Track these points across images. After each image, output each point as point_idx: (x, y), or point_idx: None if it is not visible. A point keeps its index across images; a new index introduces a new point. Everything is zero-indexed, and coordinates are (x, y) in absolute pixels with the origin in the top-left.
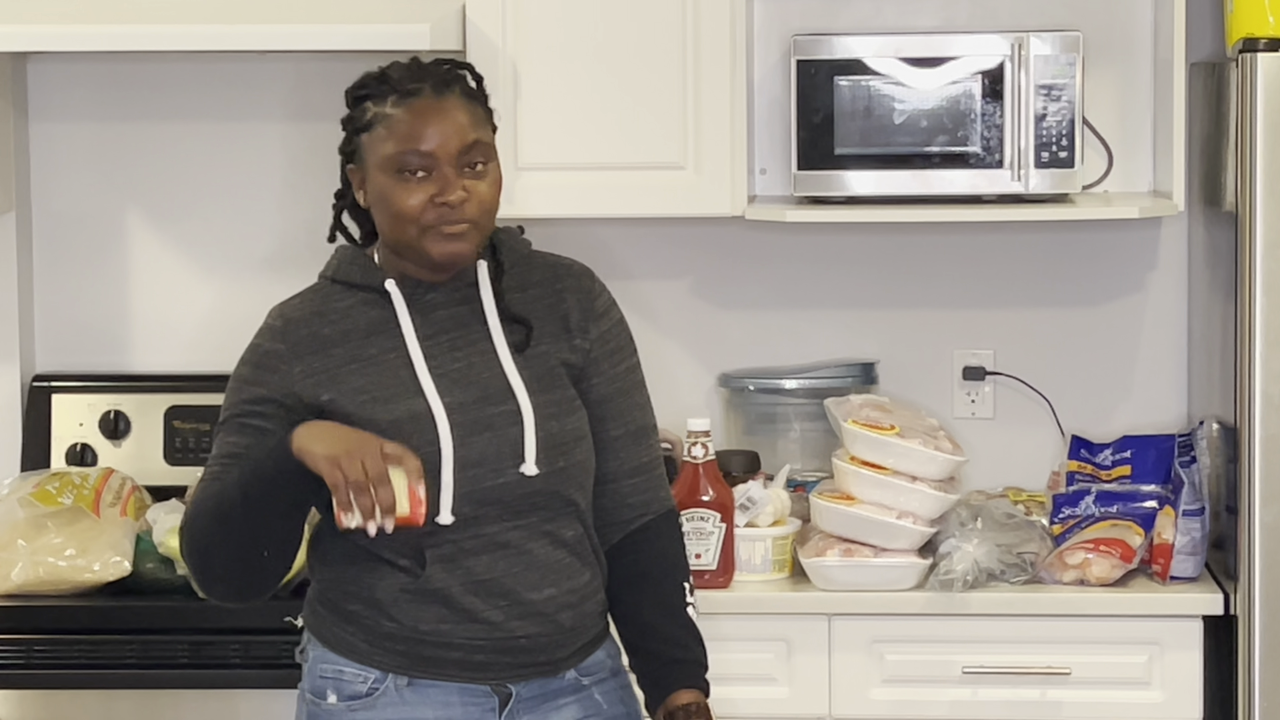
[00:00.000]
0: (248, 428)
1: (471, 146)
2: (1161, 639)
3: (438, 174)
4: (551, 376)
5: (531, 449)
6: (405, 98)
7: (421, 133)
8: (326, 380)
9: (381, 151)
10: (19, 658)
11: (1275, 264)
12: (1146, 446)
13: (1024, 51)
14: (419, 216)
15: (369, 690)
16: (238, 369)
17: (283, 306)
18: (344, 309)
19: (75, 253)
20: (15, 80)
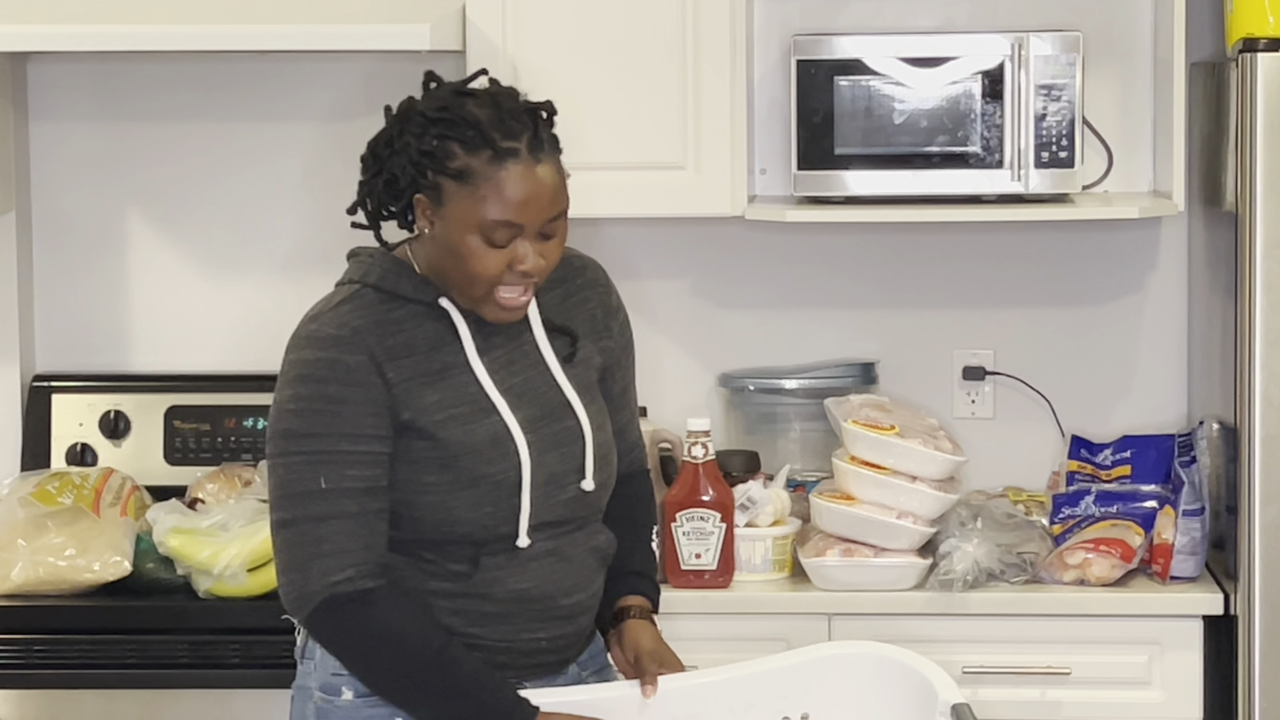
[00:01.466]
0: (367, 457)
1: (556, 215)
2: (1161, 639)
3: (519, 241)
4: (592, 385)
5: (590, 466)
6: (501, 159)
7: (516, 204)
8: (403, 395)
9: (468, 211)
10: (19, 658)
11: (1275, 264)
12: (1146, 446)
13: (1024, 51)
14: (494, 280)
15: None
16: (321, 390)
17: (336, 317)
18: (398, 320)
19: (75, 253)
20: (15, 80)
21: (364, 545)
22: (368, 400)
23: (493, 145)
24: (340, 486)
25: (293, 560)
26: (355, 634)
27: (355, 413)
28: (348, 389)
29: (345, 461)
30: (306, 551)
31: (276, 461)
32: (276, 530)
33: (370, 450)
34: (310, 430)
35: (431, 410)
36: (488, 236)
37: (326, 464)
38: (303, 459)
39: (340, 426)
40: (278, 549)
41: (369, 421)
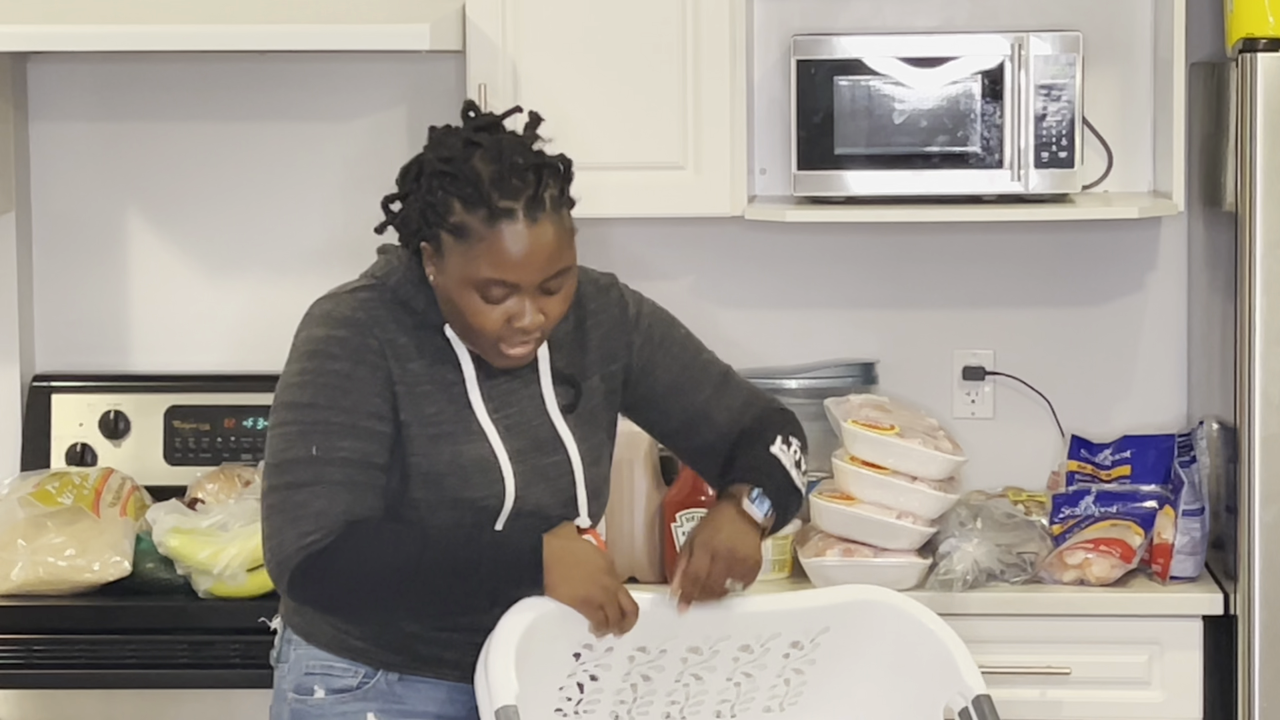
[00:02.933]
0: (363, 430)
1: (556, 274)
2: (1161, 639)
3: (517, 298)
4: (593, 420)
5: (583, 502)
6: (496, 219)
7: (510, 264)
8: (406, 395)
9: (464, 267)
10: (19, 658)
11: (1275, 264)
12: (1146, 446)
13: (1024, 51)
14: (494, 333)
15: (359, 684)
16: (326, 365)
17: (353, 302)
18: (410, 327)
19: (75, 253)
20: (15, 80)
21: (344, 510)
22: (373, 381)
23: (489, 204)
24: (331, 456)
25: (272, 529)
26: (340, 579)
27: (359, 389)
28: (356, 367)
29: (339, 433)
30: (285, 516)
31: (273, 433)
32: (263, 501)
33: (368, 426)
34: (311, 401)
35: (426, 423)
36: (483, 294)
37: (320, 433)
38: (298, 429)
39: (341, 400)
40: (263, 519)
41: (372, 400)
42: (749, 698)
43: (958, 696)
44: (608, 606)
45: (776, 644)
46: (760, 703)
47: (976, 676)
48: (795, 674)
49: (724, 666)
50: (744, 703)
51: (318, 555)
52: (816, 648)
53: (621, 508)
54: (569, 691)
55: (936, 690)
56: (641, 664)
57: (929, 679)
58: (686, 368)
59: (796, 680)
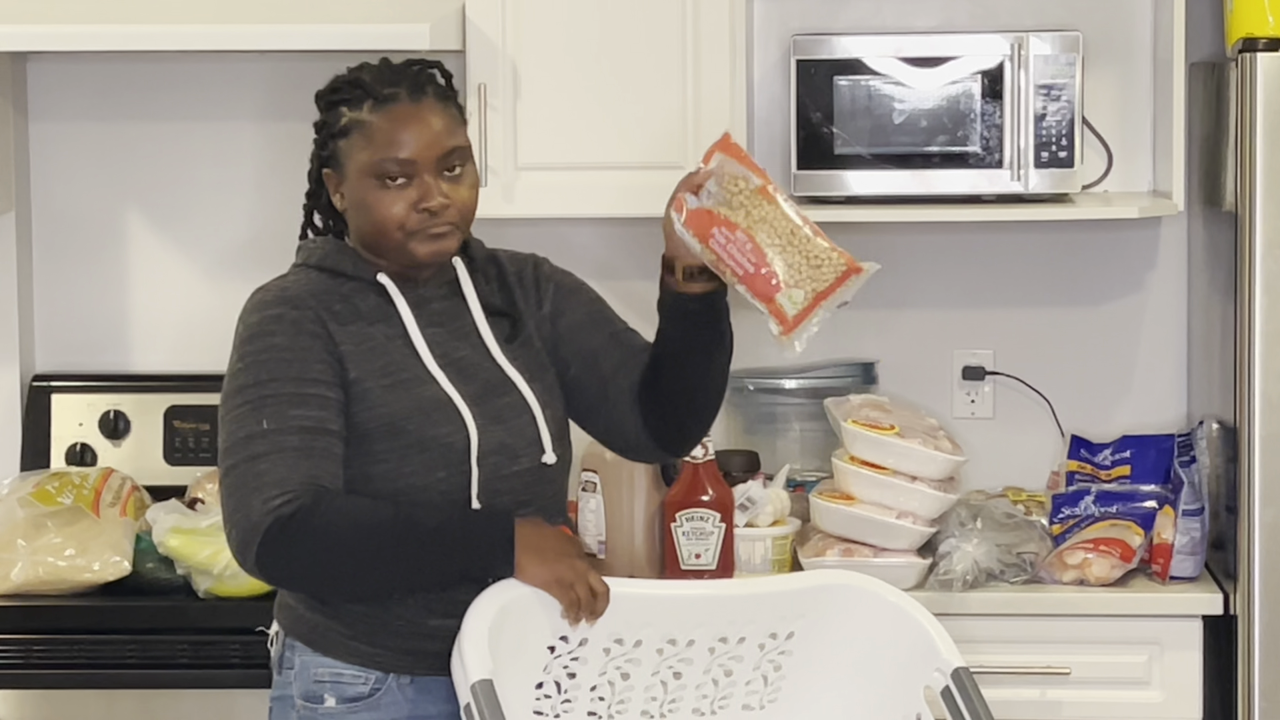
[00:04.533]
0: (312, 398)
1: (450, 152)
2: (1161, 639)
3: (418, 181)
4: (538, 363)
5: (548, 439)
6: (381, 104)
7: (400, 140)
8: (352, 354)
9: (360, 159)
10: (19, 658)
11: (1275, 264)
12: (1146, 446)
13: (1024, 51)
14: (403, 223)
15: (371, 691)
16: (267, 343)
17: (281, 286)
18: (344, 293)
19: (75, 253)
20: (15, 80)
21: (305, 474)
22: (313, 349)
23: (373, 94)
24: (284, 425)
25: (234, 505)
26: (310, 545)
27: (301, 359)
28: (295, 338)
29: (290, 402)
30: (246, 488)
31: (224, 421)
32: (220, 484)
33: (316, 394)
34: (256, 380)
35: (377, 375)
36: (382, 178)
37: (270, 406)
38: (247, 407)
39: (286, 371)
40: (222, 501)
41: (316, 367)
42: (727, 695)
43: (936, 674)
44: (578, 585)
45: (752, 633)
46: (739, 700)
47: (952, 649)
48: (773, 669)
49: (701, 660)
50: (723, 700)
51: (286, 520)
52: (792, 639)
53: (622, 508)
54: (547, 689)
55: (915, 670)
56: (618, 658)
57: (906, 659)
58: (594, 305)
59: (775, 677)
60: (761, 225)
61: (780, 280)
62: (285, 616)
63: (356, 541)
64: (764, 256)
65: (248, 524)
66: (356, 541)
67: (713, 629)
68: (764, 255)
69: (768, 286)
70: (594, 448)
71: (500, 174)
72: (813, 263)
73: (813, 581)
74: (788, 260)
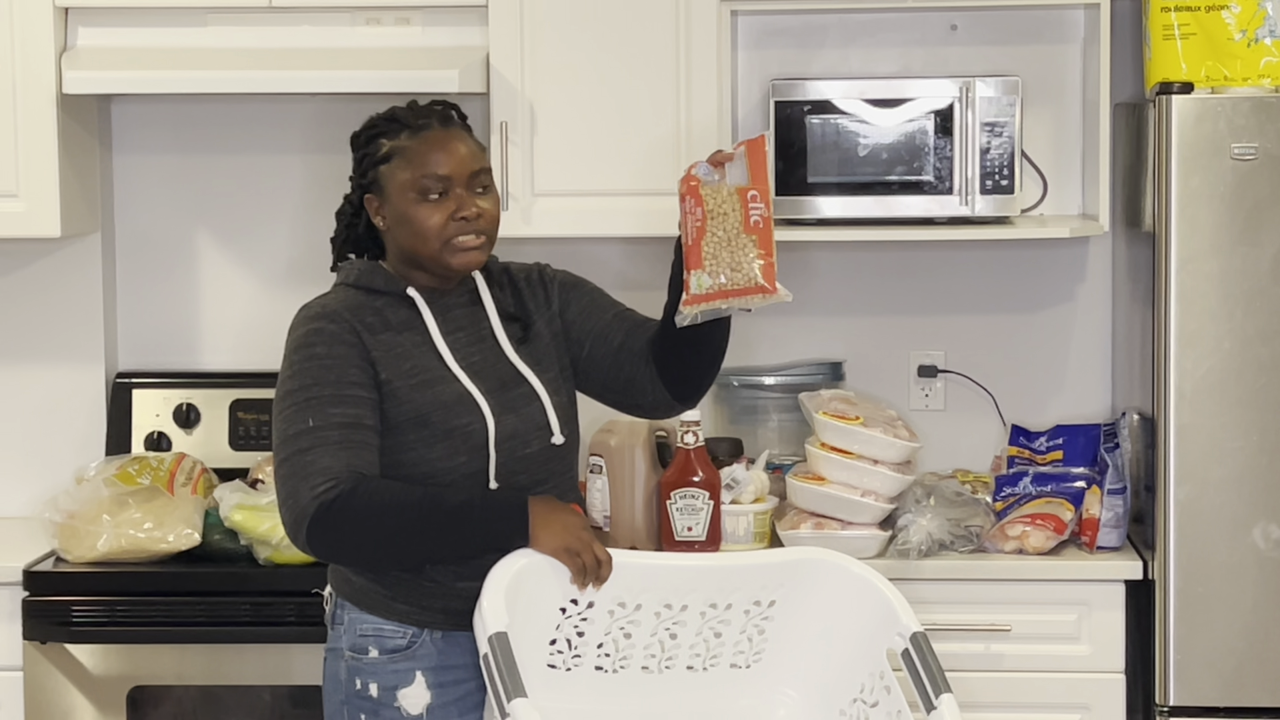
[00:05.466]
0: (349, 398)
1: (478, 172)
2: (1089, 600)
3: (454, 194)
4: (546, 356)
5: (555, 422)
6: (416, 131)
7: (437, 159)
8: (382, 360)
9: (401, 178)
10: (104, 616)
11: (1187, 277)
12: (1076, 434)
13: (971, 94)
14: (441, 232)
15: (408, 643)
16: (310, 353)
17: (321, 303)
18: (376, 307)
19: (151, 268)
20: (101, 119)
21: (345, 463)
22: (349, 356)
23: (409, 125)
24: (326, 423)
25: (286, 492)
26: (352, 525)
27: (338, 365)
28: (332, 348)
29: (330, 402)
30: (296, 477)
31: (276, 420)
32: (275, 473)
33: (353, 394)
34: (301, 385)
35: (406, 376)
36: (423, 193)
37: (313, 407)
38: (294, 409)
39: (325, 376)
40: (276, 488)
41: (351, 372)
42: (717, 654)
43: (897, 638)
44: (584, 554)
45: (738, 600)
46: (727, 659)
47: (911, 616)
48: (757, 633)
49: (694, 623)
50: (713, 658)
51: (330, 504)
52: (773, 606)
53: (624, 488)
54: (559, 645)
55: (879, 634)
56: (620, 619)
57: (871, 625)
58: (595, 293)
59: (759, 639)
60: (720, 218)
61: (702, 262)
62: (336, 580)
63: (390, 520)
64: (702, 239)
65: (298, 508)
66: (390, 520)
67: (704, 596)
68: (703, 238)
69: (693, 260)
70: (601, 435)
71: (519, 199)
72: (734, 266)
73: (791, 557)
74: (718, 254)
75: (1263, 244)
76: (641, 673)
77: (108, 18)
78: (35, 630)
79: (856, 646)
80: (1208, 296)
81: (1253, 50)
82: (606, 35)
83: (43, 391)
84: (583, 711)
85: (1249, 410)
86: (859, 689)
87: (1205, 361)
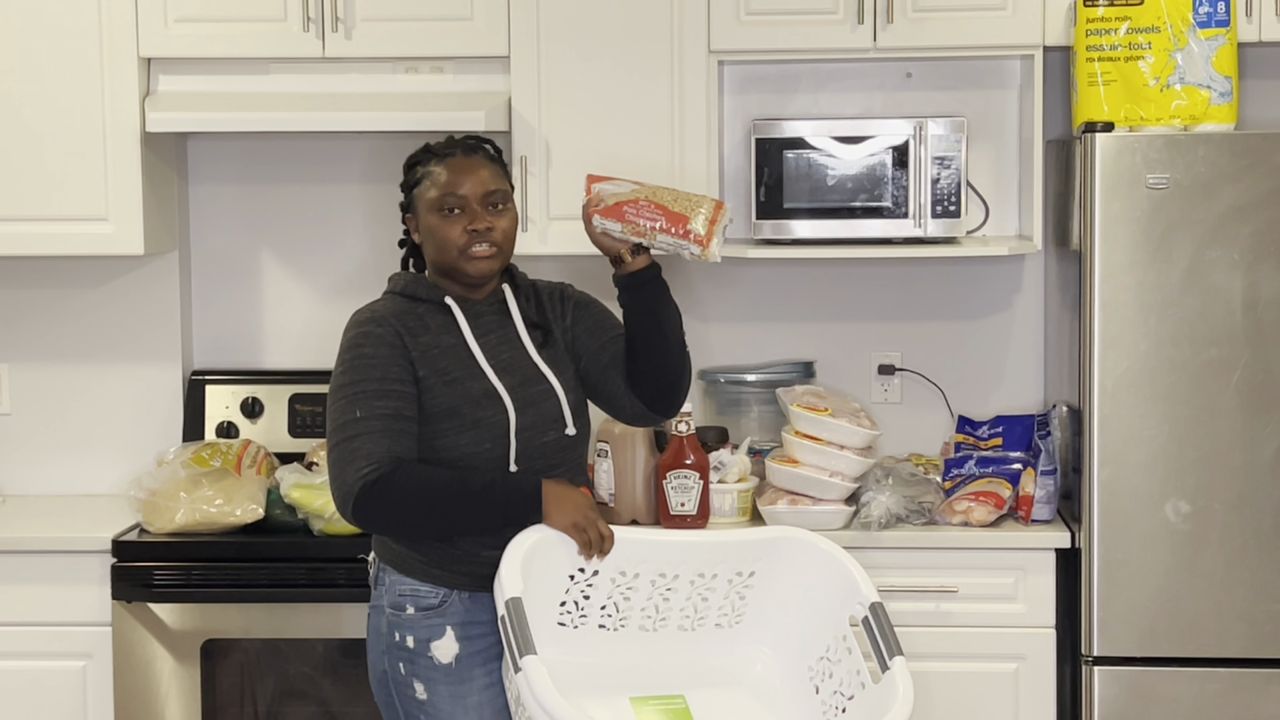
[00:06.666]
0: (392, 392)
1: (493, 192)
2: (1025, 565)
3: (469, 210)
4: (563, 360)
5: (569, 416)
6: (443, 159)
7: (455, 181)
8: (420, 359)
9: (428, 198)
10: (180, 580)
11: (1108, 289)
12: (1014, 424)
13: (923, 132)
14: (457, 242)
15: (440, 602)
16: (358, 353)
17: (370, 310)
18: (418, 314)
19: (221, 281)
20: (179, 154)
21: (386, 449)
22: (392, 356)
23: (437, 154)
24: (371, 413)
25: (336, 473)
26: (391, 502)
27: (383, 363)
28: (378, 348)
29: (374, 395)
30: (344, 461)
31: (329, 411)
32: (327, 457)
33: (395, 389)
34: (350, 380)
35: (441, 372)
36: (444, 210)
37: (360, 400)
38: (344, 400)
39: (371, 373)
40: (329, 470)
41: (394, 370)
42: (704, 616)
43: (858, 606)
44: (590, 530)
45: (722, 571)
46: (712, 620)
47: (871, 588)
48: (738, 599)
49: (684, 590)
50: (700, 620)
51: (372, 484)
52: (753, 576)
53: (626, 470)
54: (568, 607)
55: (843, 602)
56: (621, 586)
57: (836, 594)
58: (600, 317)
59: (740, 604)
60: (648, 195)
61: (685, 214)
62: (379, 548)
63: (424, 498)
64: (665, 207)
65: (345, 488)
66: (424, 498)
67: (693, 567)
68: (665, 206)
69: (680, 220)
70: (607, 424)
71: (537, 222)
72: (694, 201)
73: (769, 535)
74: (679, 204)
75: (1173, 261)
76: (639, 631)
77: (185, 67)
78: (122, 591)
79: (823, 612)
80: (1126, 306)
81: (1165, 95)
82: (612, 82)
83: (128, 387)
84: (588, 663)
85: (1161, 404)
86: (825, 649)
87: (1124, 362)
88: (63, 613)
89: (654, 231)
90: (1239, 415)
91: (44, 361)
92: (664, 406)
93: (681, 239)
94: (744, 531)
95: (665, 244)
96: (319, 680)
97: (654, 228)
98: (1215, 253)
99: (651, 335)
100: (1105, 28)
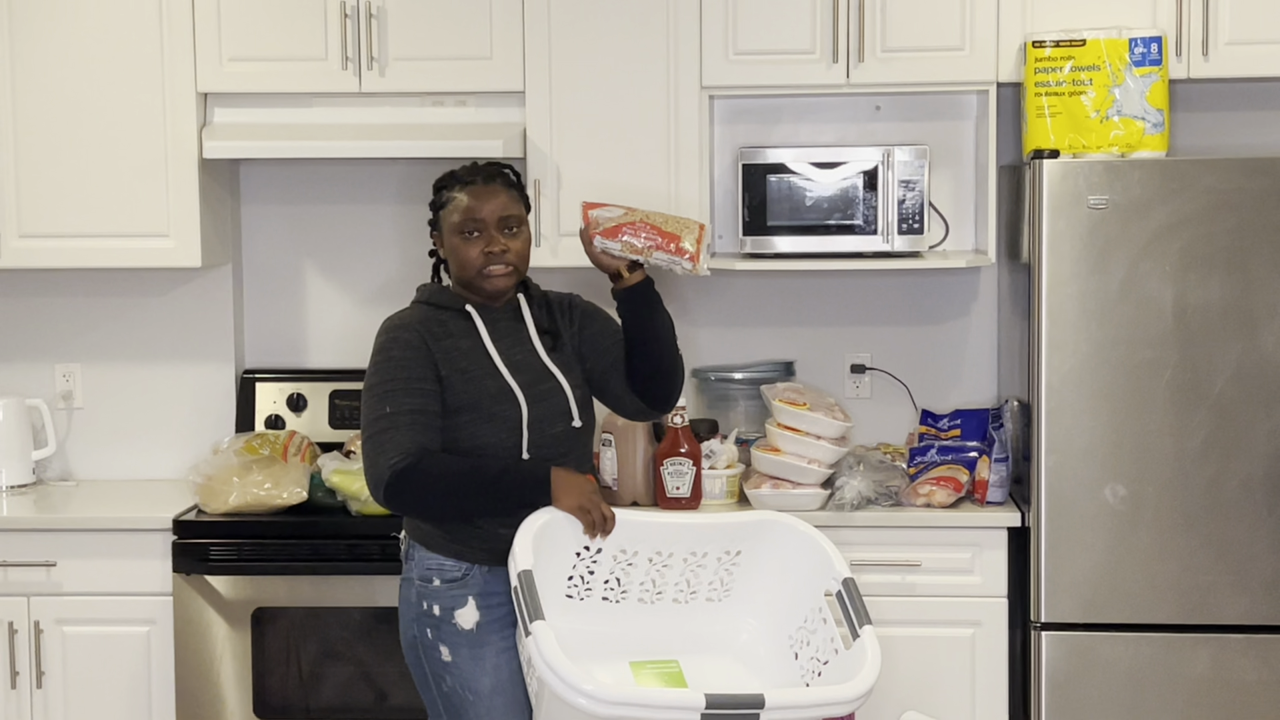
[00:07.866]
0: (418, 390)
1: (508, 216)
2: (980, 542)
3: (486, 234)
4: (571, 361)
5: (575, 410)
6: (465, 185)
7: (475, 206)
8: (443, 360)
9: (451, 220)
10: (233, 555)
11: (1054, 297)
12: (971, 416)
13: (891, 158)
14: (476, 262)
15: (462, 575)
16: (388, 355)
17: (399, 317)
18: (442, 320)
19: (270, 290)
20: (232, 178)
21: (414, 440)
22: (417, 358)
23: (461, 180)
24: (399, 409)
25: (370, 462)
26: (419, 487)
27: (409, 364)
28: (405, 351)
29: (402, 393)
30: (376, 452)
31: (363, 407)
32: (361, 448)
33: (421, 387)
34: (381, 379)
35: (461, 371)
36: (462, 232)
37: (390, 397)
38: (376, 398)
39: (399, 373)
40: (363, 459)
41: (419, 370)
42: (695, 590)
43: (831, 581)
44: (594, 512)
45: (712, 550)
46: (704, 595)
47: (844, 565)
48: (727, 575)
49: (678, 566)
50: (692, 594)
51: (401, 472)
52: (740, 555)
53: (628, 457)
54: (574, 580)
55: (818, 579)
56: (621, 562)
57: (813, 571)
58: (604, 324)
59: (728, 580)
60: (642, 218)
61: (676, 234)
62: (409, 527)
63: (446, 484)
64: (658, 228)
65: (377, 475)
66: (446, 484)
67: (686, 546)
68: (658, 227)
69: (673, 239)
70: (611, 417)
71: (549, 239)
72: (682, 223)
73: (754, 518)
74: (669, 225)
75: (1111, 273)
76: (637, 603)
77: (238, 100)
78: (181, 565)
79: (802, 587)
80: (1069, 312)
81: (1105, 125)
82: (615, 114)
83: (187, 384)
84: (593, 632)
85: (1101, 399)
86: (803, 619)
87: (1068, 362)
88: (129, 584)
89: (651, 249)
90: (1169, 409)
91: (112, 362)
92: (660, 403)
93: (675, 255)
94: (732, 515)
95: (661, 260)
96: (355, 644)
97: (651, 246)
98: (1148, 265)
99: (648, 341)
100: (1052, 66)
